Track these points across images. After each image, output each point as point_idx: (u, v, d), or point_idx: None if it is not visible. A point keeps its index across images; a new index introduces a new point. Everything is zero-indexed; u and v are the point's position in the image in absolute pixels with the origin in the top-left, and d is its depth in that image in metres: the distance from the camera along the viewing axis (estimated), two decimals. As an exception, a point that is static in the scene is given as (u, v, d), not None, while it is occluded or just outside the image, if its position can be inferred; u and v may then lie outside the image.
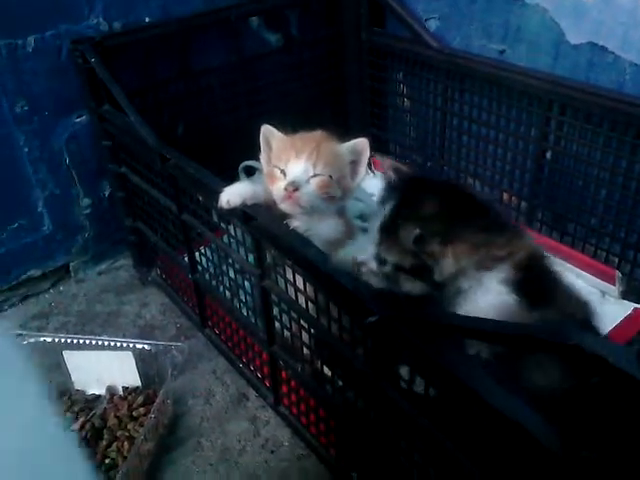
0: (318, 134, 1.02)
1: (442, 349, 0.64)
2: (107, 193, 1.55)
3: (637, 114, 1.17)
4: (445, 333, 0.63)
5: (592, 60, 1.26)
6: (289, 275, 0.94)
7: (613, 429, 0.47)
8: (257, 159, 1.24)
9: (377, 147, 1.72)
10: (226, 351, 1.31)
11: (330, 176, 0.96)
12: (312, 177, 0.96)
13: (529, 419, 0.53)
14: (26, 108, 1.35)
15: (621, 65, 1.22)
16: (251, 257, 1.04)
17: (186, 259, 1.29)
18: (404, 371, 0.73)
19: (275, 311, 1.05)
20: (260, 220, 0.94)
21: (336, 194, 0.98)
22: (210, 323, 1.36)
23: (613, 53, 1.22)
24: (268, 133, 1.04)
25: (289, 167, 0.97)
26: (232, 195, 0.93)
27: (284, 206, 0.95)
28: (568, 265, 1.31)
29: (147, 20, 1.45)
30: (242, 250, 1.07)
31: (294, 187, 0.94)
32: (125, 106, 1.21)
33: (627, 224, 1.26)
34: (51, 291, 1.56)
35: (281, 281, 0.98)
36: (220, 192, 0.95)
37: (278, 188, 0.97)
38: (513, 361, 0.68)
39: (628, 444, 0.46)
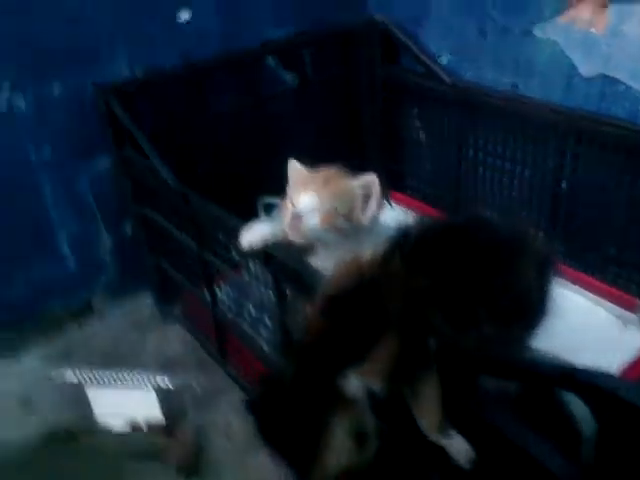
0: (331, 170, 1.05)
1: (460, 384, 0.64)
2: (129, 232, 1.58)
3: (652, 144, 1.17)
4: (457, 367, 0.64)
5: (604, 91, 1.27)
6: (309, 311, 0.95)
7: (630, 463, 0.47)
8: (276, 194, 1.27)
9: (394, 180, 1.73)
10: (246, 387, 1.32)
11: (336, 209, 0.99)
12: (316, 209, 0.99)
13: (548, 455, 0.53)
14: (51, 152, 1.40)
15: (633, 95, 1.23)
16: (271, 294, 1.06)
17: (207, 295, 1.31)
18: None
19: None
20: (280, 258, 0.95)
21: (343, 226, 1.00)
22: (231, 359, 1.37)
23: (625, 84, 1.23)
24: (292, 167, 1.08)
25: (298, 199, 1.00)
26: (253, 236, 0.96)
27: (290, 236, 0.99)
28: (587, 293, 1.30)
29: (167, 65, 1.49)
30: (262, 287, 1.09)
31: (297, 217, 0.98)
32: (147, 150, 1.24)
33: (646, 252, 1.26)
34: (74, 328, 1.59)
35: (301, 317, 0.99)
36: (241, 232, 0.98)
37: (285, 218, 1.00)
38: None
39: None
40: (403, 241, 0.72)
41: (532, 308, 0.69)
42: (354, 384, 0.67)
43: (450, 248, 0.69)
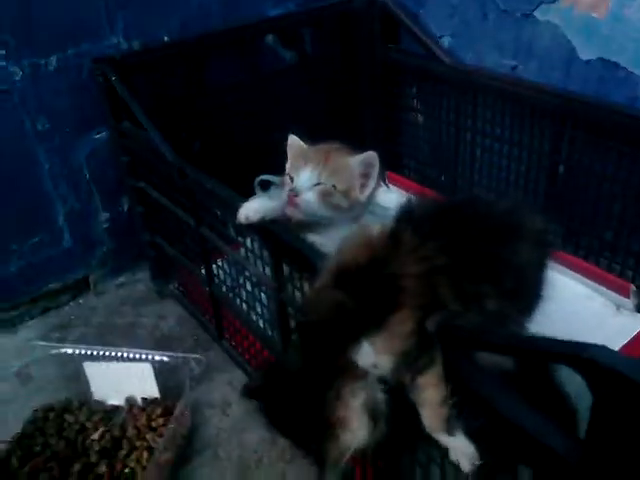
0: (332, 146, 1.05)
1: (458, 360, 0.65)
2: (126, 207, 1.58)
3: (649, 128, 1.17)
4: (457, 344, 0.64)
5: (604, 76, 1.27)
6: (306, 287, 0.96)
7: (629, 442, 0.48)
8: (273, 173, 1.26)
9: (391, 161, 1.74)
10: (242, 363, 1.33)
11: (334, 186, 0.99)
12: (315, 185, 0.99)
13: (545, 429, 0.54)
14: (47, 126, 1.39)
15: (633, 81, 1.23)
16: (268, 270, 1.06)
17: (203, 272, 1.32)
18: None
19: (292, 323, 1.07)
20: (278, 235, 0.96)
21: (341, 204, 1.00)
22: (227, 335, 1.38)
23: (625, 69, 1.23)
24: (291, 142, 1.08)
25: (297, 175, 1.00)
26: (250, 211, 0.96)
27: (287, 211, 0.99)
28: (582, 278, 1.31)
29: (165, 39, 1.49)
30: (259, 263, 1.09)
31: (295, 193, 0.98)
32: (145, 123, 1.24)
33: (641, 237, 1.27)
34: (71, 303, 1.59)
35: (297, 293, 1.00)
36: (238, 207, 0.98)
37: (283, 193, 1.00)
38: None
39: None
40: (410, 216, 0.73)
41: (530, 287, 0.70)
42: (368, 355, 0.67)
43: (455, 225, 0.70)
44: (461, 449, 0.68)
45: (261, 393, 0.73)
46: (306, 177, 0.99)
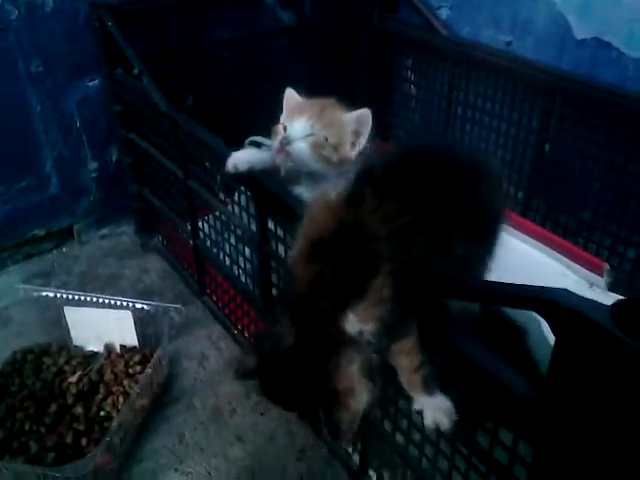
0: (328, 100, 1.06)
1: (430, 310, 0.67)
2: (114, 158, 1.58)
3: (638, 110, 1.19)
4: (427, 291, 0.65)
5: (596, 55, 1.29)
6: (289, 240, 0.97)
7: (587, 381, 0.50)
8: (264, 134, 1.27)
9: (381, 131, 1.74)
10: (222, 318, 1.35)
11: (326, 138, 1.00)
12: (307, 136, 1.00)
13: (505, 372, 0.57)
14: (41, 68, 1.39)
15: (624, 62, 1.25)
16: (253, 223, 1.08)
17: (189, 226, 1.33)
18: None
19: (273, 278, 1.09)
20: (264, 185, 0.97)
21: (331, 157, 1.01)
22: (208, 290, 1.40)
23: (617, 49, 1.25)
24: (288, 95, 1.08)
25: (291, 124, 1.01)
26: (239, 160, 0.97)
27: (277, 159, 0.99)
28: (557, 255, 1.34)
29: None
30: (245, 215, 1.10)
31: (287, 142, 0.98)
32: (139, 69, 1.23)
33: (618, 218, 1.29)
34: (54, 251, 1.60)
35: (281, 247, 1.02)
36: (228, 157, 0.98)
37: (275, 141, 1.01)
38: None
39: (602, 396, 0.50)
40: (370, 175, 0.71)
41: (493, 226, 0.71)
42: (353, 324, 0.66)
43: (417, 176, 0.69)
44: (439, 406, 0.70)
45: (256, 372, 0.72)
46: (300, 127, 1.00)
